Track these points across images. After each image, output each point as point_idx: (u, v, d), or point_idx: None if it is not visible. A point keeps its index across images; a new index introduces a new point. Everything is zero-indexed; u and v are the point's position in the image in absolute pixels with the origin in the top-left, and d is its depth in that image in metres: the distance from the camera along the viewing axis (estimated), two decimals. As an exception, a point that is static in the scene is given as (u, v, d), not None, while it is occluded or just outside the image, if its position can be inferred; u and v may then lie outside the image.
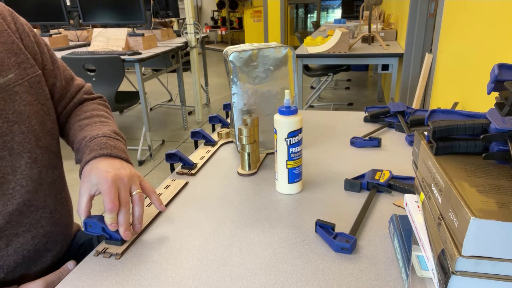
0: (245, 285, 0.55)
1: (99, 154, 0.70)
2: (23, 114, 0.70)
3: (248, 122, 0.87)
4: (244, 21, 8.57)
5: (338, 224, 0.67)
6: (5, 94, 0.68)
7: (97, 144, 0.72)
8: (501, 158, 0.47)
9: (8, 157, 0.68)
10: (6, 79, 0.68)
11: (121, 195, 0.65)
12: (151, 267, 0.59)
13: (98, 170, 0.66)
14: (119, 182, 0.65)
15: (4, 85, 0.68)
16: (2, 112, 0.67)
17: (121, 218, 0.64)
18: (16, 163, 0.69)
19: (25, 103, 0.71)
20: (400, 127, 1.10)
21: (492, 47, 1.11)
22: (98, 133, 0.75)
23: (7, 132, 0.67)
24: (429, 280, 0.49)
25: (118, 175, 0.66)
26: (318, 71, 3.81)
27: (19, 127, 0.69)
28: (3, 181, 0.67)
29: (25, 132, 0.70)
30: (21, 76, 0.71)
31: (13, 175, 0.68)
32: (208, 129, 1.14)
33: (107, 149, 0.71)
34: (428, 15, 2.63)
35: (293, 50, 0.94)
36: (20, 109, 0.69)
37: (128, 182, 0.66)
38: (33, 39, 0.76)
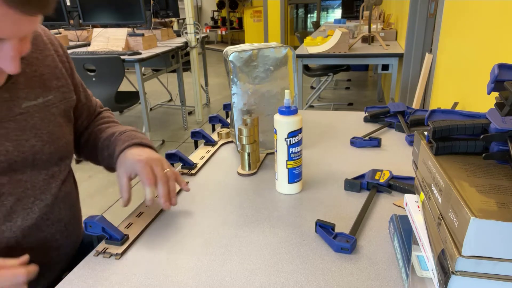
0: (245, 285, 0.55)
1: (131, 143, 0.78)
2: (54, 135, 0.74)
3: (248, 122, 0.87)
4: (244, 21, 8.57)
5: (338, 224, 0.67)
6: (43, 114, 0.72)
7: (127, 137, 0.80)
8: (501, 158, 0.47)
9: (29, 172, 0.70)
10: (45, 100, 0.73)
11: (156, 171, 0.72)
12: (151, 267, 0.59)
13: (132, 155, 0.74)
14: (151, 162, 0.73)
15: (43, 105, 0.72)
16: (38, 131, 0.71)
17: (160, 190, 0.71)
18: (35, 178, 0.71)
19: (58, 124, 0.75)
20: (400, 127, 1.10)
21: (492, 47, 1.11)
22: (126, 128, 0.84)
23: (38, 151, 0.71)
24: (429, 280, 0.49)
25: (150, 157, 0.74)
26: (318, 71, 3.81)
27: (49, 147, 0.72)
28: (23, 195, 0.69)
29: (53, 152, 0.73)
30: (59, 99, 0.76)
31: (32, 190, 0.71)
32: (208, 129, 1.14)
33: (137, 139, 0.80)
34: (428, 15, 2.63)
35: (293, 50, 0.94)
36: (53, 130, 0.73)
37: (159, 162, 0.74)
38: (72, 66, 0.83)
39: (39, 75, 0.72)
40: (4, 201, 0.67)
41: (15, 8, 0.50)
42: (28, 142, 0.69)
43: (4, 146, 0.66)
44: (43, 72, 0.73)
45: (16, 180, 0.68)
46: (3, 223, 0.67)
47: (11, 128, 0.67)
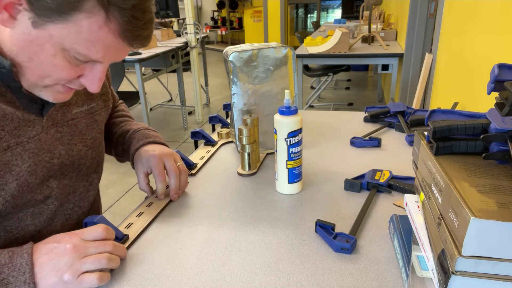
0: (245, 285, 0.55)
1: (146, 142, 0.83)
2: (96, 141, 0.77)
3: (248, 122, 0.87)
4: (244, 21, 8.57)
5: (338, 224, 0.67)
6: (88, 120, 0.75)
7: (142, 135, 0.85)
8: (501, 158, 0.47)
9: (74, 178, 0.73)
10: (90, 107, 0.76)
11: (168, 165, 0.78)
12: (151, 267, 0.59)
13: (147, 151, 0.80)
14: (164, 157, 0.78)
15: (88, 112, 0.75)
16: (84, 137, 0.74)
17: (171, 182, 0.77)
18: (77, 184, 0.75)
19: (100, 131, 0.79)
20: (400, 127, 1.10)
21: (492, 47, 1.11)
22: (139, 127, 0.88)
23: (84, 156, 0.74)
24: (429, 280, 0.49)
25: (163, 152, 0.79)
26: (318, 71, 3.81)
27: (92, 153, 0.76)
28: (65, 200, 0.72)
29: (94, 157, 0.77)
30: (101, 106, 0.79)
31: (73, 196, 0.74)
32: (208, 129, 1.14)
33: (151, 138, 0.84)
34: (428, 15, 2.63)
35: (293, 50, 0.94)
36: (96, 136, 0.77)
37: (172, 156, 0.80)
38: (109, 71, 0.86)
39: None
40: (50, 205, 0.69)
41: (126, 41, 0.54)
42: (76, 147, 0.72)
43: (58, 149, 0.69)
44: None
45: (63, 185, 0.71)
46: (46, 227, 0.69)
47: (64, 132, 0.70)
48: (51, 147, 0.67)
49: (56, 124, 0.68)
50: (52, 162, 0.67)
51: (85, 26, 0.50)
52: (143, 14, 0.53)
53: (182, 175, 0.79)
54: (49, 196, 0.68)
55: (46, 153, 0.66)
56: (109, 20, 0.51)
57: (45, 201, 0.68)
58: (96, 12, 0.50)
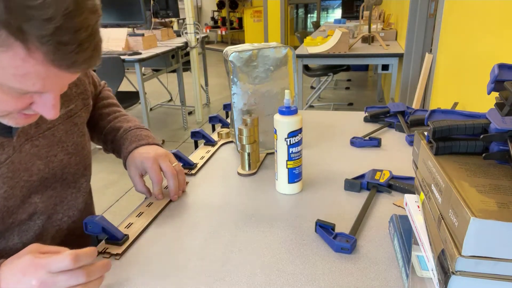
0: (245, 285, 0.55)
1: (139, 144, 0.80)
2: (79, 146, 0.73)
3: (248, 122, 0.87)
4: (244, 21, 8.57)
5: (338, 224, 0.67)
6: (67, 126, 0.70)
7: (134, 136, 0.81)
8: (501, 158, 0.47)
9: (59, 188, 0.70)
10: (67, 110, 0.71)
11: (164, 166, 0.75)
12: (151, 267, 0.59)
13: (140, 154, 0.77)
14: (158, 158, 0.76)
15: (66, 116, 0.70)
16: (64, 144, 0.69)
17: (170, 183, 0.75)
18: (64, 193, 0.71)
19: (81, 134, 0.74)
20: (400, 127, 1.10)
21: (492, 47, 1.11)
22: (130, 125, 0.84)
23: (66, 164, 0.70)
24: (429, 280, 0.49)
25: (157, 153, 0.77)
26: (318, 71, 3.81)
27: (75, 159, 0.72)
28: (53, 212, 0.69)
29: (79, 162, 0.73)
30: (80, 107, 0.74)
31: (61, 206, 0.70)
32: (208, 129, 1.14)
33: (144, 140, 0.81)
34: (428, 15, 2.63)
35: (293, 50, 0.94)
36: (77, 141, 0.73)
37: (166, 157, 0.77)
38: None
39: None
40: (37, 220, 0.66)
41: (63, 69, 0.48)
42: (57, 157, 0.68)
43: (36, 164, 0.64)
44: None
45: (47, 197, 0.68)
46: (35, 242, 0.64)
47: (41, 145, 0.66)
48: (27, 165, 0.63)
49: (31, 138, 0.64)
50: (31, 179, 0.64)
51: (6, 62, 0.44)
52: (74, 35, 0.45)
53: (179, 175, 0.77)
54: (34, 212, 0.65)
55: (23, 172, 0.62)
56: (31, 51, 0.44)
57: (31, 218, 0.65)
58: (12, 44, 0.43)
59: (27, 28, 0.42)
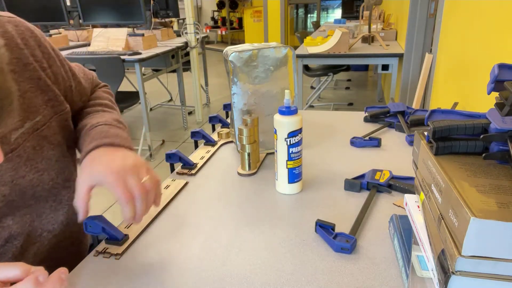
0: (245, 285, 0.55)
1: (100, 143, 0.63)
2: (51, 160, 0.65)
3: (248, 122, 0.87)
4: (244, 21, 8.57)
5: (338, 224, 0.67)
6: (33, 141, 0.62)
7: (98, 133, 0.66)
8: (501, 158, 0.47)
9: (34, 205, 0.64)
10: (33, 123, 0.62)
11: (131, 184, 0.58)
12: (151, 267, 0.59)
13: (101, 162, 0.60)
14: (124, 173, 0.58)
15: (31, 130, 0.61)
16: (32, 162, 0.61)
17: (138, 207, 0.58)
18: (40, 209, 0.65)
19: (53, 146, 0.65)
20: (400, 127, 1.10)
21: (492, 47, 1.11)
22: (99, 120, 0.69)
23: (38, 183, 0.63)
24: (429, 280, 0.49)
25: (122, 166, 0.59)
26: (318, 71, 3.81)
27: (49, 174, 0.64)
28: (30, 230, 0.64)
29: (54, 178, 0.65)
30: (50, 116, 0.65)
31: (38, 221, 0.65)
32: (208, 129, 1.14)
33: (109, 138, 0.65)
34: (428, 15, 2.63)
35: (293, 50, 0.94)
36: (49, 155, 0.64)
37: (134, 172, 0.59)
38: (58, 63, 0.69)
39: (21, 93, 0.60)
40: (14, 241, 0.62)
41: None
42: (24, 179, 0.61)
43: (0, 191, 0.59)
44: (25, 89, 0.61)
45: (21, 216, 0.62)
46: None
47: (4, 169, 0.58)
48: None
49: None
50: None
51: None
52: None
53: (150, 195, 0.60)
54: (9, 236, 0.61)
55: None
56: None
57: (8, 241, 0.61)
58: None
59: None
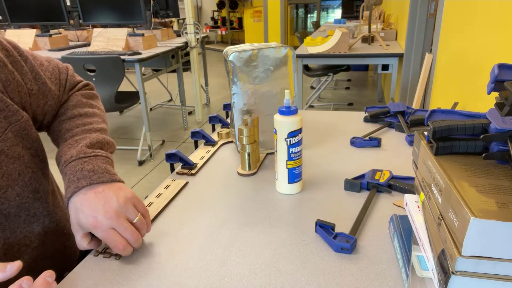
0: (245, 285, 0.55)
1: (77, 187, 0.60)
2: (13, 174, 0.60)
3: (248, 122, 0.87)
4: (244, 21, 8.57)
5: (338, 224, 0.67)
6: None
7: (73, 173, 0.62)
8: (501, 158, 0.47)
9: (5, 222, 0.60)
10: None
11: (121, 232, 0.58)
12: (151, 267, 0.59)
13: (85, 216, 0.58)
14: (110, 223, 0.58)
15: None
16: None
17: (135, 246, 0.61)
18: (12, 224, 0.61)
19: (13, 160, 0.60)
20: (400, 127, 1.10)
21: (492, 47, 1.11)
22: (72, 153, 0.64)
23: (2, 201, 0.59)
24: (429, 280, 0.49)
25: (107, 216, 0.58)
26: (318, 71, 3.81)
27: (13, 190, 0.60)
28: (5, 247, 0.61)
29: (21, 193, 0.61)
30: (3, 128, 0.59)
31: (14, 238, 0.62)
32: (208, 129, 1.14)
33: (85, 179, 0.61)
34: (428, 15, 2.63)
35: (293, 50, 0.94)
36: (9, 170, 0.59)
37: (120, 216, 0.59)
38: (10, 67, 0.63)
39: None
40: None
41: None
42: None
43: None
44: None
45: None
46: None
47: None
48: None
49: None
50: None
51: None
52: None
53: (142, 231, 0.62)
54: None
55: None
56: None
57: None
58: None
59: None
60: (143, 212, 0.63)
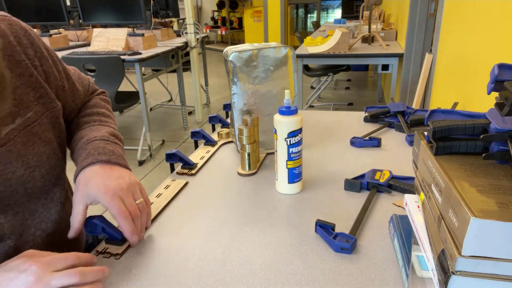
0: (245, 285, 0.55)
1: (96, 159, 0.65)
2: (42, 156, 0.65)
3: (248, 122, 0.87)
4: (244, 21, 8.57)
5: (338, 224, 0.67)
6: (24, 138, 0.62)
7: (94, 148, 0.68)
8: (501, 158, 0.47)
9: (26, 203, 0.64)
10: (24, 119, 0.63)
11: (126, 204, 0.63)
12: (151, 267, 0.59)
13: (96, 182, 0.62)
14: (120, 193, 0.62)
15: (22, 126, 0.62)
16: (23, 158, 0.62)
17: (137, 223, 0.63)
18: (32, 207, 0.65)
19: (44, 143, 0.66)
20: (400, 127, 1.10)
21: (492, 47, 1.11)
22: (96, 135, 0.71)
23: (29, 179, 0.63)
24: (429, 280, 0.49)
25: (118, 186, 0.63)
26: (318, 71, 3.81)
27: (40, 171, 0.64)
28: (22, 229, 0.64)
29: (45, 175, 0.66)
30: (41, 113, 0.66)
31: (31, 220, 0.65)
32: (208, 129, 1.14)
33: (105, 155, 0.67)
34: (428, 15, 2.63)
35: (293, 50, 0.94)
36: (40, 151, 0.65)
37: (129, 191, 0.64)
38: (51, 63, 0.69)
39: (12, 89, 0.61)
40: (7, 240, 0.62)
41: None
42: (15, 174, 0.61)
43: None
44: (16, 85, 0.62)
45: (13, 215, 0.62)
46: None
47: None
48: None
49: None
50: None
51: None
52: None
53: (142, 217, 0.65)
54: (2, 235, 0.61)
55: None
56: None
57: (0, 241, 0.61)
58: None
59: None
60: (146, 201, 0.68)
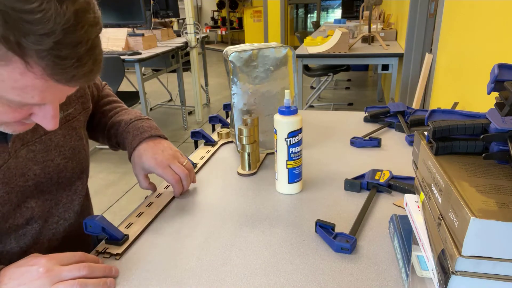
0: (245, 285, 0.55)
1: (142, 138, 0.79)
2: (76, 150, 0.72)
3: (248, 122, 0.87)
4: (244, 21, 8.57)
5: (338, 224, 0.67)
6: (65, 130, 0.70)
7: (135, 129, 0.80)
8: (501, 158, 0.47)
9: (55, 192, 0.69)
10: (66, 114, 0.70)
11: (176, 170, 0.76)
12: (151, 267, 0.59)
13: (147, 156, 0.76)
14: (168, 162, 0.76)
15: (64, 120, 0.69)
16: (60, 149, 0.69)
17: (185, 184, 0.78)
18: (60, 195, 0.71)
19: (78, 138, 0.73)
20: (400, 127, 1.10)
21: (492, 47, 1.11)
22: (131, 117, 0.83)
23: (63, 169, 0.69)
24: (429, 280, 0.49)
25: (166, 157, 0.77)
26: (318, 71, 3.81)
27: (72, 163, 0.71)
28: (48, 215, 0.68)
29: (75, 167, 0.72)
30: (79, 111, 0.74)
31: (56, 209, 0.70)
32: (208, 129, 1.14)
33: (146, 132, 0.80)
34: (428, 15, 2.63)
35: (293, 50, 0.94)
36: (75, 145, 0.72)
37: (175, 159, 0.78)
38: None
39: None
40: (34, 224, 0.66)
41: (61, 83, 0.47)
42: (53, 162, 0.68)
43: (32, 169, 0.64)
44: None
45: (43, 201, 0.67)
46: (32, 246, 0.66)
47: (37, 150, 0.65)
48: (24, 170, 0.63)
49: (27, 143, 0.63)
50: (26, 184, 0.64)
51: (5, 75, 0.44)
52: (73, 49, 0.44)
53: (191, 174, 0.79)
54: (31, 217, 0.65)
55: (19, 177, 0.63)
56: (30, 65, 0.43)
57: (28, 223, 0.65)
58: (11, 58, 0.42)
59: (26, 43, 0.41)
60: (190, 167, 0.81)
